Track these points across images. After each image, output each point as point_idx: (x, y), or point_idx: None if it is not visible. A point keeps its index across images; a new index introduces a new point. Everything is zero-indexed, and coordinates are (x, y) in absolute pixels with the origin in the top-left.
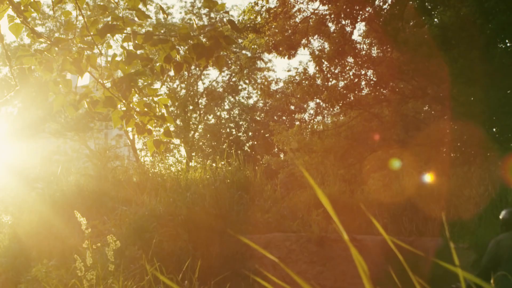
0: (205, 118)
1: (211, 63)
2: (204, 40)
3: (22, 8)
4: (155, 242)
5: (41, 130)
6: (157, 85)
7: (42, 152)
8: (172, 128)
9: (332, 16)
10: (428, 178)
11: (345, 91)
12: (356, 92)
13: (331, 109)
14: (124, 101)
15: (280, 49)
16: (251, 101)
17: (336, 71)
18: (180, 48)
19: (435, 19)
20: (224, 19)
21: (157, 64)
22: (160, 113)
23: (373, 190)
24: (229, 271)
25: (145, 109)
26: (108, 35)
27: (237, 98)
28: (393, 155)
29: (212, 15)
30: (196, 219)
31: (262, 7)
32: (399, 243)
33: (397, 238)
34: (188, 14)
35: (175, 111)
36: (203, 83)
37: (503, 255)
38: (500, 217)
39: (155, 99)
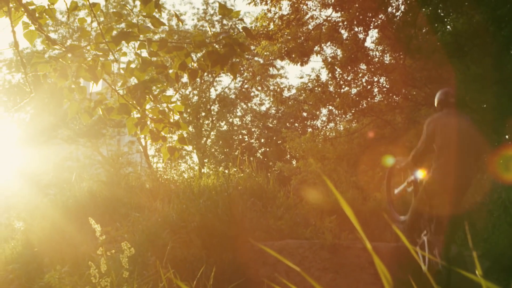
0: (218, 124)
1: (225, 70)
2: (217, 46)
3: (37, 15)
4: (168, 249)
5: (53, 137)
6: (169, 92)
7: (54, 158)
8: (185, 135)
9: (345, 23)
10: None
11: (357, 98)
12: (369, 99)
13: (344, 116)
14: (138, 108)
15: (293, 56)
16: (263, 108)
17: (349, 78)
18: (194, 55)
19: (448, 26)
20: (237, 26)
21: (171, 71)
22: (174, 120)
23: (385, 197)
24: (243, 278)
25: (160, 116)
26: (123, 42)
27: (249, 104)
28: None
29: (225, 21)
30: (209, 226)
31: (275, 14)
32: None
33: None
34: (201, 21)
35: (188, 118)
36: (216, 90)
37: (438, 131)
38: (436, 99)
39: (170, 106)
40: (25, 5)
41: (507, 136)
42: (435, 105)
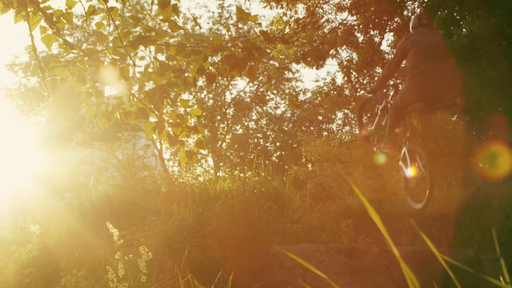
0: (233, 128)
1: (243, 74)
2: (234, 50)
3: (55, 19)
4: (185, 253)
5: (69, 140)
6: (184, 95)
7: (69, 162)
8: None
9: (361, 26)
10: (457, 189)
11: (373, 102)
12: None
13: None
14: (156, 112)
15: (309, 59)
16: (278, 111)
17: (365, 81)
18: (210, 59)
19: (463, 29)
20: (253, 30)
21: (187, 75)
22: (191, 124)
23: (401, 201)
24: (260, 283)
25: (177, 120)
26: (140, 46)
27: (264, 108)
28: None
29: (240, 25)
30: (225, 230)
31: (290, 17)
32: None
33: (427, 249)
34: (216, 24)
35: (203, 121)
36: (231, 93)
37: (411, 47)
38: (410, 24)
39: (187, 110)
40: (43, 9)
41: None
42: (410, 30)
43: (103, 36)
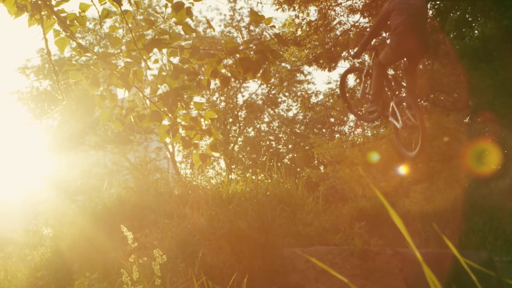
0: (245, 130)
1: (257, 77)
2: (244, 52)
3: (68, 22)
4: (197, 255)
5: (81, 143)
6: (195, 98)
7: (82, 165)
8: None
9: None
10: (470, 190)
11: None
12: None
13: (372, 122)
14: (170, 115)
15: (321, 61)
16: (290, 114)
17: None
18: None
19: (476, 31)
20: (265, 33)
21: (202, 78)
22: (205, 127)
23: (414, 203)
24: (273, 285)
25: (191, 123)
26: (154, 49)
27: (276, 110)
28: (434, 168)
29: (252, 27)
30: (238, 232)
31: (302, 19)
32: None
33: (440, 251)
34: (228, 27)
35: (216, 124)
36: (243, 96)
37: (394, 9)
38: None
39: (201, 113)
40: (56, 12)
41: None
42: None
43: (117, 40)
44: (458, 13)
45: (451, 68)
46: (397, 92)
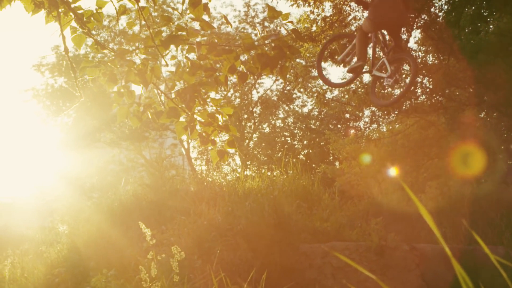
0: (260, 127)
1: (275, 73)
2: (261, 48)
3: (85, 19)
4: (214, 252)
5: (96, 140)
6: (211, 95)
7: (97, 162)
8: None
9: None
10: (487, 186)
11: (401, 99)
12: (412, 99)
13: (387, 117)
14: (188, 111)
15: (336, 57)
16: (305, 110)
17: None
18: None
19: (491, 26)
20: (283, 28)
21: (219, 74)
22: (223, 123)
23: (430, 198)
24: (291, 282)
25: (209, 120)
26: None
27: (291, 106)
28: (450, 163)
29: (266, 24)
30: (255, 229)
31: (318, 15)
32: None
33: (457, 247)
34: (242, 23)
35: (232, 120)
36: (258, 92)
37: None
38: None
39: (218, 109)
40: (74, 9)
41: None
42: None
43: (135, 36)
44: (473, 7)
45: (466, 63)
46: (386, 51)
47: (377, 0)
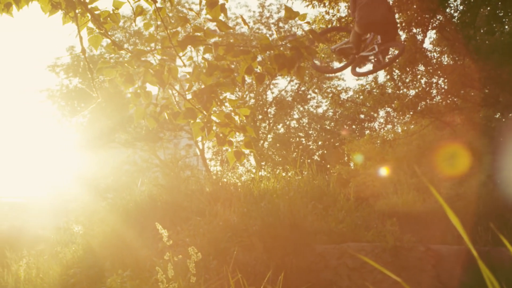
0: (274, 127)
1: (292, 74)
2: (279, 49)
3: (102, 20)
4: (230, 253)
5: (111, 140)
6: (226, 95)
7: (112, 162)
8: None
9: (403, 24)
10: (503, 187)
11: (416, 100)
12: (428, 100)
13: (402, 118)
14: (204, 112)
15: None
16: (320, 110)
17: (407, 80)
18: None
19: (506, 26)
20: (294, 29)
21: (236, 75)
22: (240, 124)
23: (446, 199)
24: (307, 283)
25: (226, 120)
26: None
27: (306, 107)
28: (465, 164)
29: (280, 24)
30: (270, 230)
31: (333, 16)
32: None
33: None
34: (257, 23)
35: (248, 121)
36: (272, 93)
37: None
38: None
39: (235, 110)
40: (91, 10)
41: None
42: None
43: (152, 37)
44: (488, 8)
45: (482, 63)
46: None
47: (362, 4)
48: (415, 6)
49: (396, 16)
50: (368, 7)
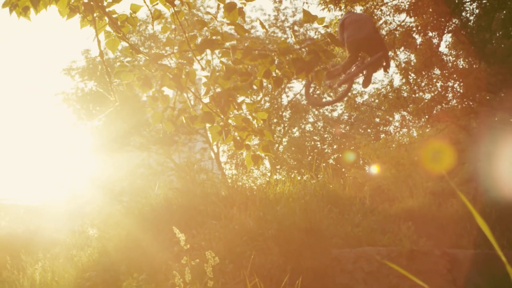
0: (289, 131)
1: (310, 78)
2: (297, 53)
3: (119, 23)
4: (246, 257)
5: (126, 144)
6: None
7: (127, 165)
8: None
9: (419, 28)
10: None
11: (432, 103)
12: (443, 104)
13: (417, 122)
14: (222, 116)
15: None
16: (335, 114)
17: (423, 84)
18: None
19: None
20: (308, 32)
21: (253, 78)
22: (257, 128)
23: (462, 203)
24: (322, 287)
25: (243, 124)
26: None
27: (321, 110)
28: (481, 168)
29: (295, 28)
30: (286, 233)
31: None
32: None
33: (489, 252)
34: (272, 27)
35: (265, 125)
36: (287, 96)
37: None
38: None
39: (253, 114)
40: (108, 13)
41: None
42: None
43: (170, 40)
44: (504, 11)
45: (498, 67)
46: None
47: (348, 24)
48: (431, 10)
49: (411, 19)
50: (354, 27)
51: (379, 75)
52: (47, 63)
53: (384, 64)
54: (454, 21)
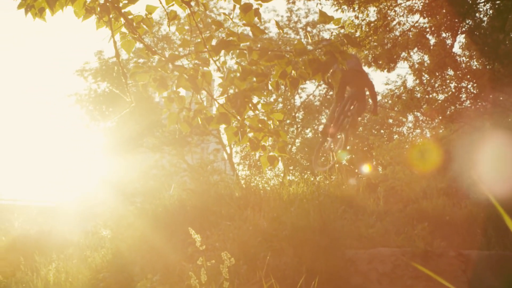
0: (303, 132)
1: (326, 78)
2: (313, 53)
3: (135, 24)
4: (260, 258)
5: (139, 145)
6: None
7: (140, 166)
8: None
9: (433, 28)
10: None
11: (445, 104)
12: (457, 105)
13: (431, 122)
14: (238, 117)
15: (380, 62)
16: None
17: (436, 84)
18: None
19: None
20: (321, 34)
21: (271, 80)
22: (273, 129)
23: (476, 204)
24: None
25: (259, 125)
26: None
27: None
28: (493, 169)
29: (308, 29)
30: (300, 234)
31: (362, 20)
32: None
33: (504, 254)
34: (285, 28)
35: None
36: (300, 97)
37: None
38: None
39: (269, 114)
40: (124, 14)
41: None
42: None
43: (186, 42)
44: None
45: (511, 68)
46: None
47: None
48: (444, 11)
49: (425, 20)
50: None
51: (392, 76)
52: (59, 64)
53: (371, 103)
54: (467, 22)
